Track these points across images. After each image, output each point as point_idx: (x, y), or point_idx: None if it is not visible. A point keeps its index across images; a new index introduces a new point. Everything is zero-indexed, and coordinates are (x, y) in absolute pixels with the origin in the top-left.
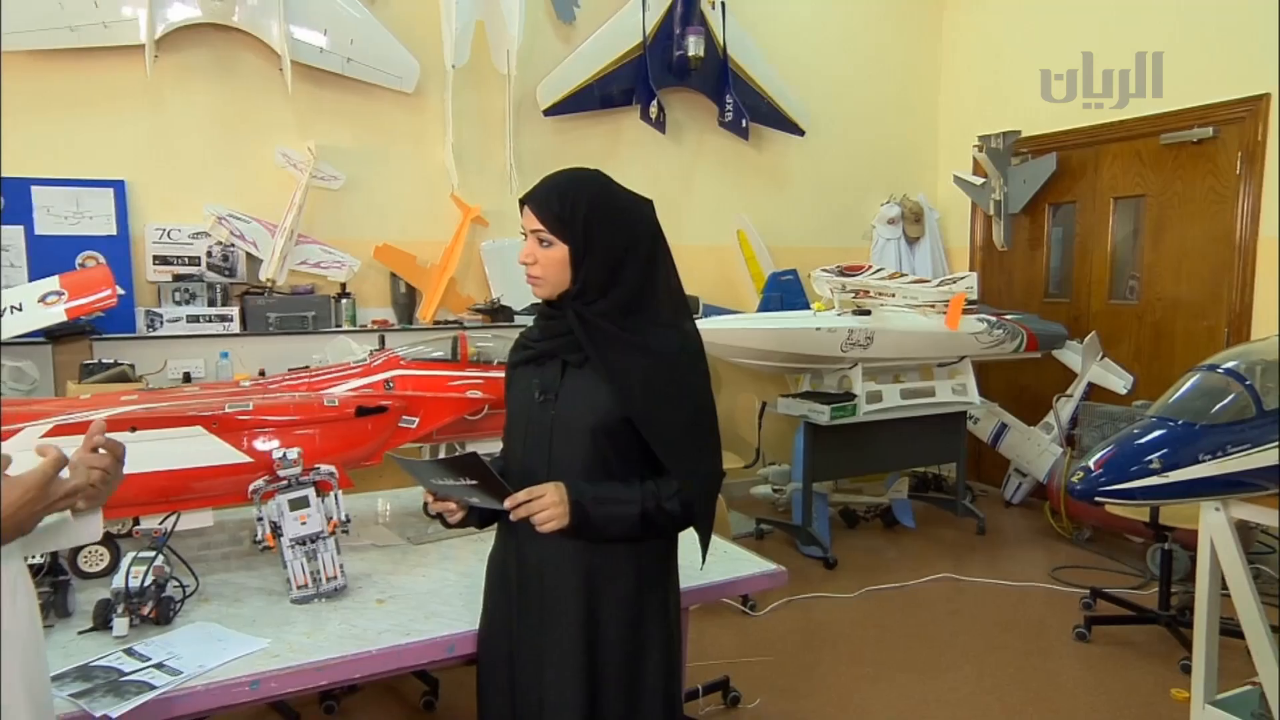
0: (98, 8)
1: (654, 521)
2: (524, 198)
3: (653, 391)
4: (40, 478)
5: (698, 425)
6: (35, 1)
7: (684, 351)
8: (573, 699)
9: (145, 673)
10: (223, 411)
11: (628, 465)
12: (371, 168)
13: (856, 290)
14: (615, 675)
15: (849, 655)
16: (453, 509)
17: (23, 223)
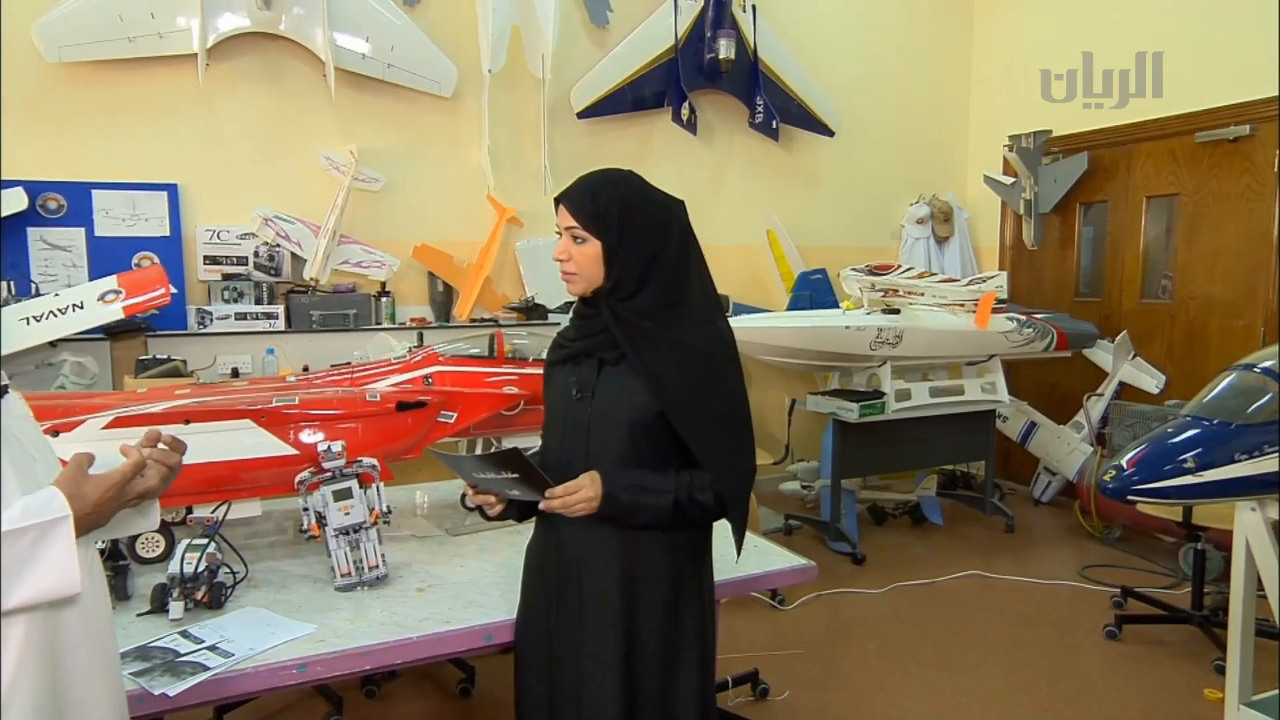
0: (154, 19)
1: (686, 511)
2: (559, 196)
3: (687, 387)
4: (121, 478)
5: (731, 420)
6: (97, 15)
7: (718, 347)
8: (611, 689)
9: (200, 654)
10: (270, 405)
11: (664, 460)
12: (410, 170)
13: (885, 289)
14: (652, 666)
15: (877, 650)
16: (492, 502)
17: (84, 225)
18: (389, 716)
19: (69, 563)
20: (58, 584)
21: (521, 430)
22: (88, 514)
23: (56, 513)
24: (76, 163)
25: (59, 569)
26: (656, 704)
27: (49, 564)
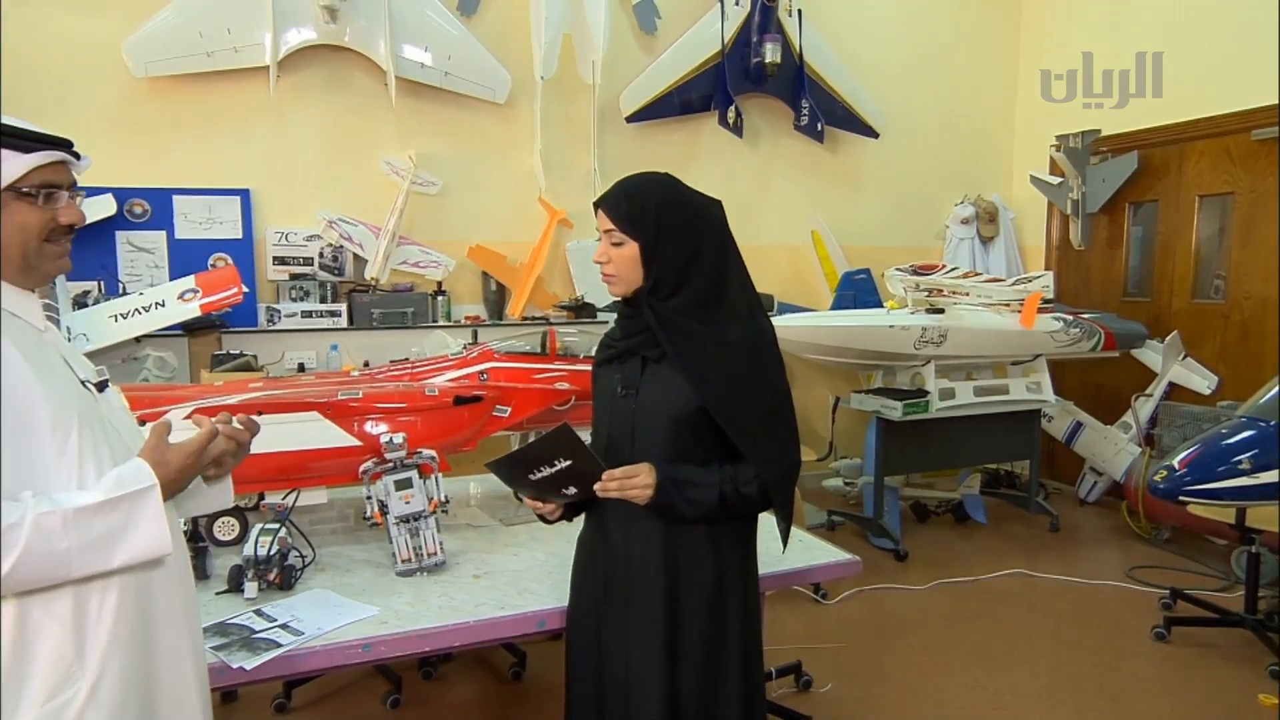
0: (230, 34)
1: (731, 505)
2: (597, 201)
3: (729, 382)
4: (198, 445)
5: (774, 414)
6: (179, 32)
7: (758, 342)
8: (656, 675)
9: (272, 632)
10: (336, 399)
11: (706, 455)
12: (466, 174)
13: (930, 289)
14: (696, 654)
15: (920, 645)
16: (549, 509)
17: (165, 228)
18: (444, 697)
19: (160, 526)
20: (152, 545)
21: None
22: (172, 479)
23: (145, 481)
24: (159, 170)
25: (152, 532)
26: (700, 692)
27: (143, 528)
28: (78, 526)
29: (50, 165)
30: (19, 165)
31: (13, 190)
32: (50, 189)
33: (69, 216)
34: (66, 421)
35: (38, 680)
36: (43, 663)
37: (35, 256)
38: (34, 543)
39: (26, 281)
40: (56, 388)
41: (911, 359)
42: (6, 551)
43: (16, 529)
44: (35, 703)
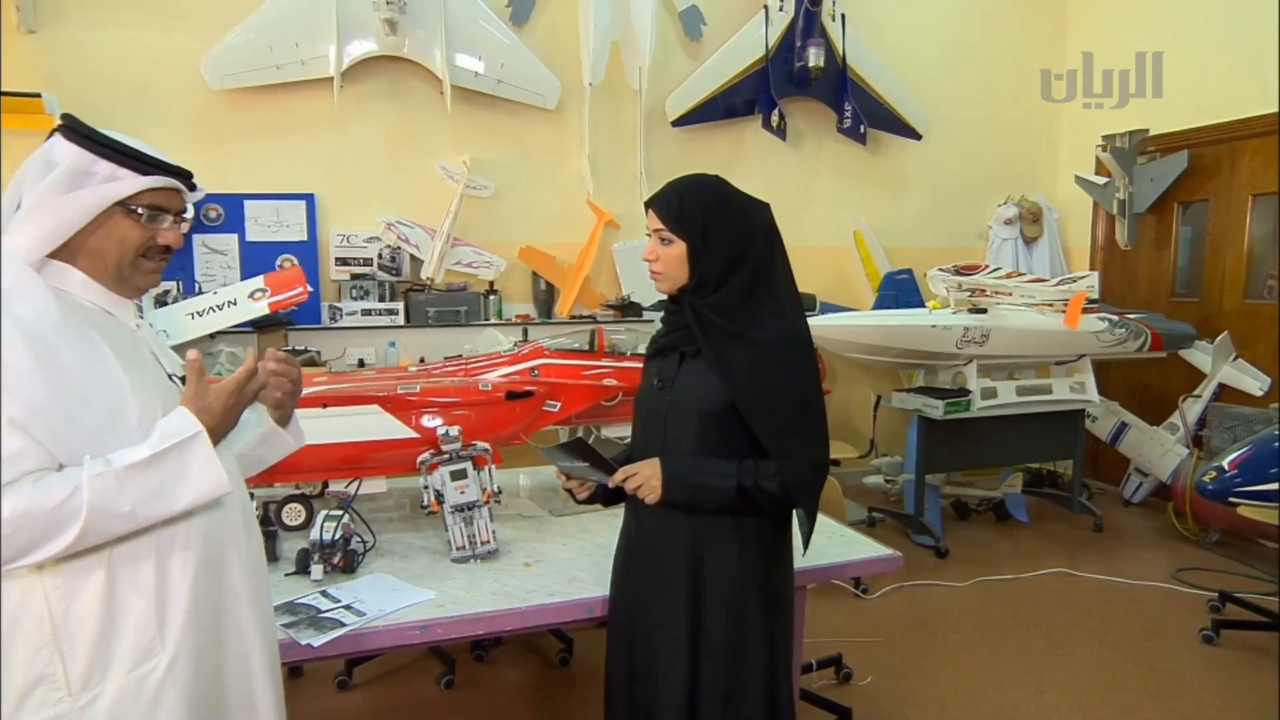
0: (298, 48)
1: (752, 498)
2: (648, 201)
3: (758, 379)
4: (236, 385)
5: (801, 414)
6: (251, 47)
7: (792, 342)
8: (679, 661)
9: (337, 612)
10: (395, 393)
11: (734, 449)
12: (517, 177)
13: (972, 289)
14: (718, 642)
15: (960, 642)
16: (577, 486)
17: (237, 231)
18: (495, 679)
19: (213, 468)
20: (209, 488)
21: (620, 420)
22: (217, 422)
23: (189, 430)
24: (232, 177)
25: (207, 475)
26: (722, 680)
27: (197, 474)
28: (134, 482)
29: (162, 190)
30: (132, 185)
31: (121, 206)
32: (157, 211)
33: (167, 239)
34: (153, 415)
35: (124, 650)
36: (128, 634)
37: (129, 269)
38: (96, 502)
39: (120, 290)
40: (145, 383)
41: (953, 358)
42: (74, 515)
43: (78, 492)
44: (120, 671)
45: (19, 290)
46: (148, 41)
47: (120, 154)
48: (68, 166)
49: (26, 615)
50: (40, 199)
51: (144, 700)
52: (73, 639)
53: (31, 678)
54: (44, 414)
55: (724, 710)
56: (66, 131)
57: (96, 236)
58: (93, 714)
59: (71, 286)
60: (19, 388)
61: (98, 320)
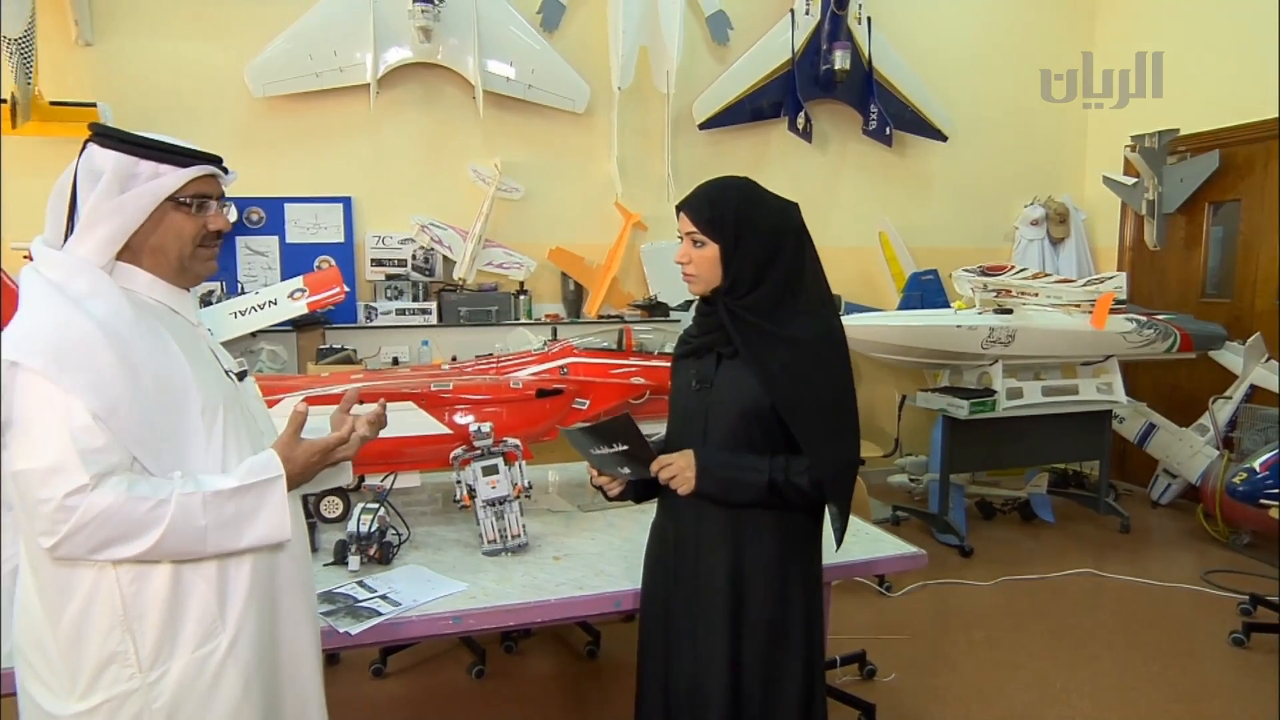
0: (336, 55)
1: (782, 493)
2: (680, 203)
3: (794, 378)
4: (325, 446)
5: (835, 412)
6: (292, 56)
7: (827, 343)
8: (720, 652)
9: (373, 601)
10: (429, 390)
11: (774, 448)
12: (547, 180)
13: (998, 289)
14: (759, 633)
15: (985, 640)
16: (609, 482)
17: (278, 233)
18: (524, 670)
19: (282, 514)
20: (273, 531)
21: (647, 417)
22: (296, 474)
23: (273, 472)
24: (272, 181)
25: (274, 519)
26: (763, 671)
27: (267, 515)
28: (214, 508)
29: (203, 178)
30: (177, 178)
31: (171, 200)
32: (202, 199)
33: (217, 224)
34: (214, 408)
35: (189, 631)
36: (193, 615)
37: (190, 259)
38: (178, 518)
39: (182, 281)
40: (206, 377)
41: (979, 358)
42: (156, 523)
43: (164, 504)
44: (186, 650)
45: (95, 292)
46: (195, 52)
47: (157, 151)
48: (112, 171)
49: (100, 598)
50: (95, 206)
51: (206, 678)
52: (142, 620)
53: (105, 655)
54: (122, 410)
55: (766, 697)
56: (99, 140)
57: (156, 234)
58: (160, 690)
59: (138, 286)
60: (102, 385)
61: (163, 317)
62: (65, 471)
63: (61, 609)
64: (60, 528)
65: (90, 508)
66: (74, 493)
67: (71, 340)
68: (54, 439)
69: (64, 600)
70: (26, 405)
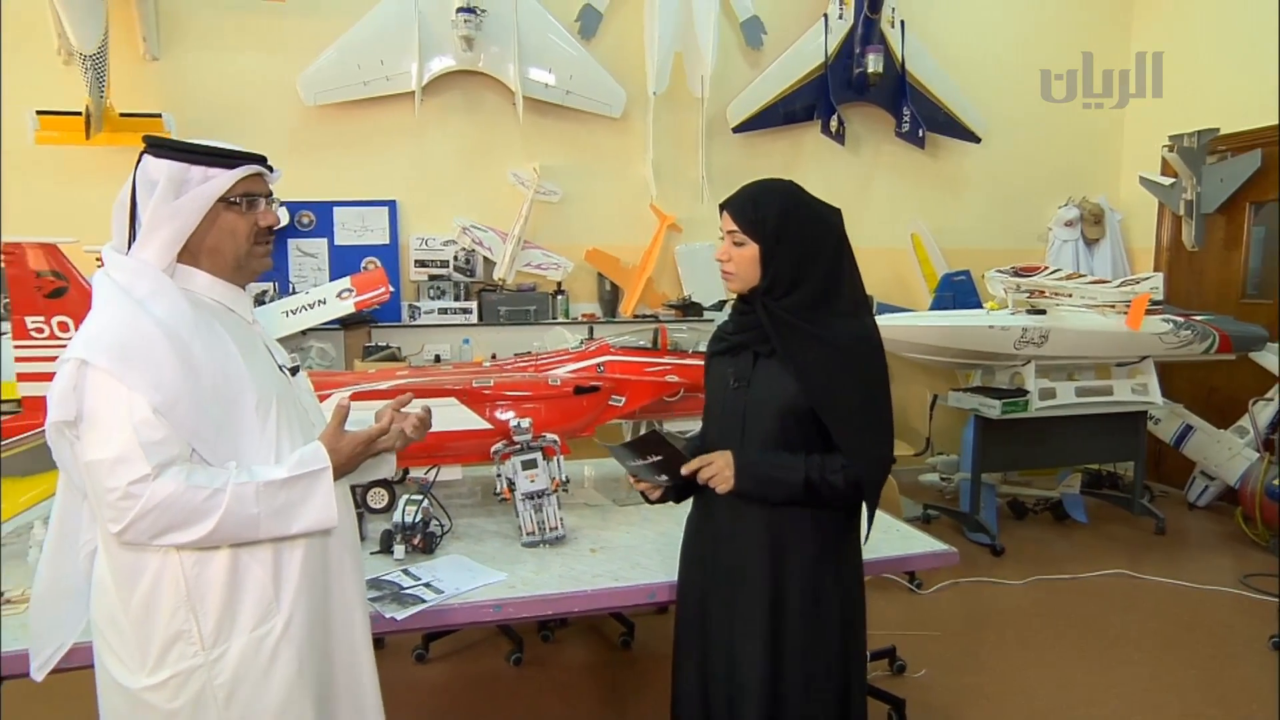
0: (383, 65)
1: (818, 491)
2: (723, 203)
3: (832, 379)
4: (368, 438)
5: (871, 411)
6: (341, 66)
7: (863, 344)
8: (758, 647)
9: (418, 589)
10: (470, 386)
11: (810, 446)
12: (584, 183)
13: (1031, 290)
14: (797, 628)
15: (1016, 639)
16: (649, 488)
17: (326, 236)
18: (560, 659)
19: (329, 503)
20: (321, 518)
21: (681, 415)
22: (342, 464)
23: (320, 463)
24: (322, 185)
25: (322, 507)
26: (801, 666)
27: (315, 504)
28: (266, 497)
29: (250, 177)
30: (226, 180)
31: (222, 201)
32: (251, 198)
33: (268, 220)
34: (267, 402)
35: (247, 612)
36: (250, 598)
37: (245, 257)
38: (233, 506)
39: (239, 279)
40: (261, 373)
41: (1011, 359)
42: (212, 511)
43: (220, 493)
44: (244, 630)
45: (157, 293)
46: (252, 64)
47: (206, 155)
48: (167, 178)
49: (166, 580)
50: (154, 212)
51: (263, 656)
52: (204, 601)
53: (171, 633)
54: (181, 404)
55: (804, 692)
56: (154, 150)
57: (211, 235)
58: (222, 666)
59: (198, 286)
60: (162, 382)
61: (220, 315)
62: (129, 462)
63: (132, 590)
64: (125, 515)
65: (152, 496)
66: (137, 481)
67: (134, 340)
68: (119, 432)
69: (134, 582)
70: (95, 401)
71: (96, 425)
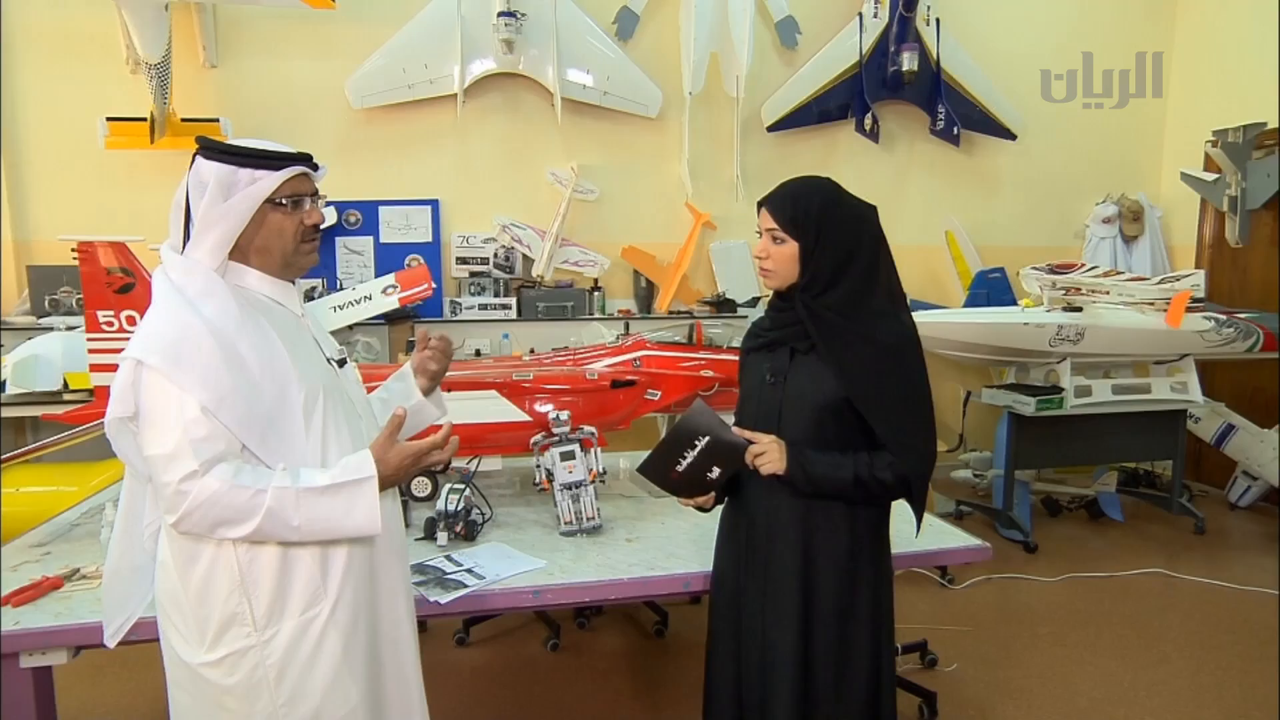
0: (427, 69)
1: (866, 487)
2: (762, 200)
3: (872, 375)
4: (418, 451)
5: (913, 407)
6: (387, 70)
7: (902, 340)
8: (790, 637)
9: (460, 575)
10: (511, 379)
11: (848, 443)
12: (621, 182)
13: (1067, 288)
14: (828, 619)
15: (1050, 636)
16: (706, 500)
17: (372, 234)
18: (596, 645)
19: (372, 513)
20: (363, 527)
21: (716, 409)
22: (389, 475)
23: (366, 473)
24: (368, 185)
25: (364, 517)
26: (832, 656)
27: (357, 514)
28: (307, 504)
29: (296, 178)
30: (272, 182)
31: (269, 202)
32: (298, 198)
33: (314, 218)
34: (314, 396)
35: (296, 596)
36: (299, 583)
37: (293, 255)
38: (273, 508)
39: (287, 275)
40: (309, 367)
41: (1046, 356)
42: (254, 511)
43: (262, 494)
44: (294, 613)
45: (207, 293)
46: (303, 70)
47: (253, 158)
48: (216, 181)
49: (221, 565)
50: (206, 213)
51: (311, 639)
52: (256, 585)
53: (227, 615)
54: (229, 402)
55: (835, 682)
56: (205, 152)
57: (260, 235)
58: (273, 648)
59: (248, 283)
60: (210, 380)
61: (270, 311)
62: (180, 459)
63: (190, 572)
64: (178, 508)
65: (201, 491)
66: (187, 478)
67: (185, 341)
68: (171, 430)
69: (192, 564)
70: (151, 398)
71: (154, 423)
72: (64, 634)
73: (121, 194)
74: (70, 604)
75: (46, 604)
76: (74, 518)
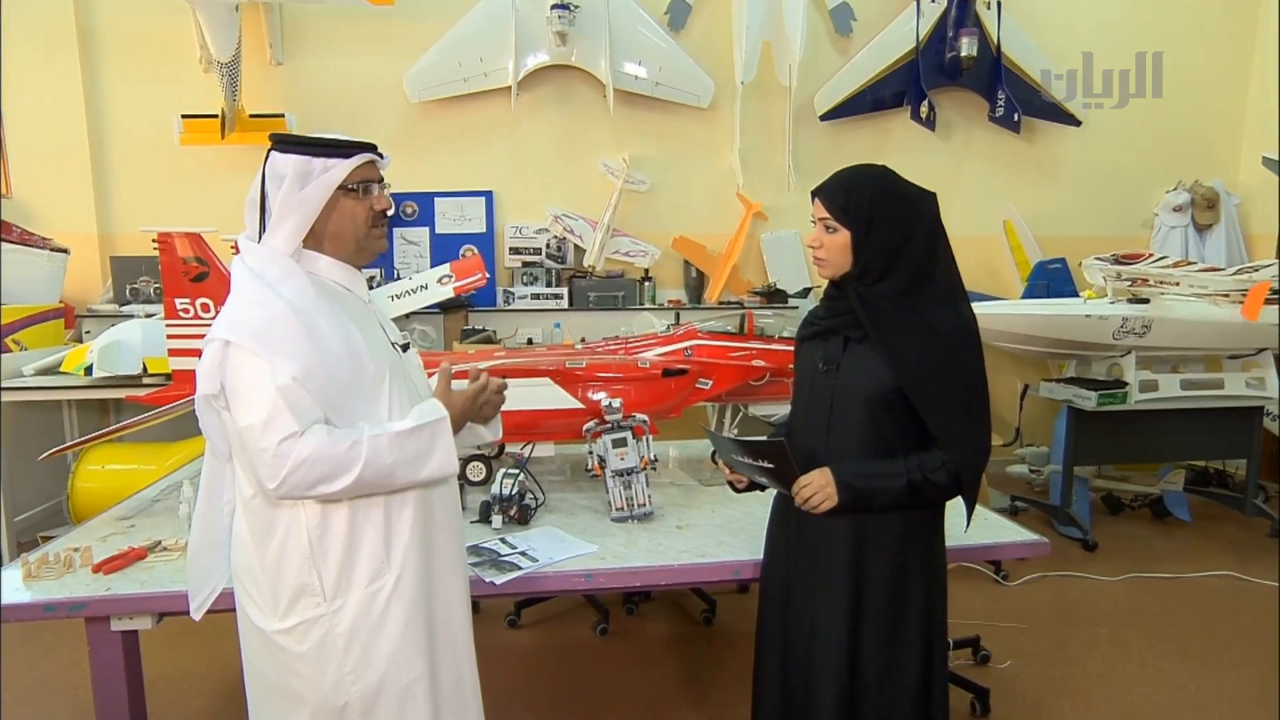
0: (481, 62)
1: (921, 491)
2: (815, 190)
3: (927, 366)
4: (473, 393)
5: (969, 401)
6: (443, 64)
7: (959, 331)
8: (839, 631)
9: (514, 557)
10: (564, 367)
11: (900, 434)
12: (671, 172)
13: (1134, 279)
14: (879, 614)
15: (1109, 636)
16: (739, 480)
17: (428, 225)
18: (644, 631)
19: (451, 450)
20: (445, 464)
21: (766, 399)
22: (455, 417)
23: (439, 414)
24: (424, 177)
25: (445, 454)
26: (881, 650)
27: (439, 450)
28: (398, 445)
29: (364, 165)
30: (345, 168)
31: (342, 188)
32: (367, 184)
33: (382, 204)
34: (381, 375)
35: (361, 569)
36: (365, 556)
37: (364, 239)
38: (371, 455)
39: (358, 260)
40: (377, 348)
41: (1109, 349)
42: (355, 461)
43: (359, 444)
44: (360, 585)
45: (285, 276)
46: (363, 66)
47: (325, 148)
48: (293, 172)
49: (293, 537)
50: (283, 203)
51: (376, 610)
52: (326, 557)
53: (298, 585)
54: (314, 373)
55: (885, 671)
56: (279, 147)
57: (333, 221)
58: (341, 617)
59: (319, 269)
60: (297, 354)
61: (340, 296)
62: (277, 421)
63: (265, 545)
64: (280, 470)
65: (300, 450)
66: (286, 439)
67: (270, 319)
68: (265, 398)
69: (266, 538)
70: (241, 374)
71: (246, 395)
72: (150, 600)
73: (194, 188)
74: (154, 573)
75: (133, 572)
76: (154, 494)
